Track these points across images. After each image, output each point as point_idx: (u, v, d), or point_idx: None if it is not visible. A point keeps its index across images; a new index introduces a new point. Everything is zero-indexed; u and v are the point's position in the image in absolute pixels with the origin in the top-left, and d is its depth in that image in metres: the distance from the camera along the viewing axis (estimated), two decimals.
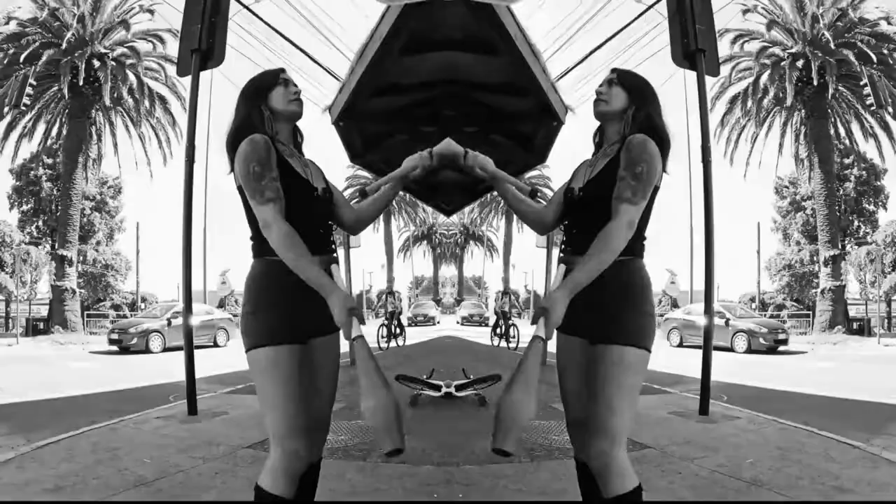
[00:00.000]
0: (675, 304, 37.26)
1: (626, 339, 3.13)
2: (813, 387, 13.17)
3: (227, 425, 8.05)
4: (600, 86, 3.47)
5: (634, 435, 7.23)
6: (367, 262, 70.18)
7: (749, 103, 34.52)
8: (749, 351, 23.28)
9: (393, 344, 24.25)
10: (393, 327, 24.71)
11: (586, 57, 11.07)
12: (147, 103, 34.29)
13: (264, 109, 3.33)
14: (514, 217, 68.27)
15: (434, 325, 46.01)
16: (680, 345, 25.71)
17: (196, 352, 9.01)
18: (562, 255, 3.46)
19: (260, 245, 3.20)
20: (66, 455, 6.24)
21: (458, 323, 47.80)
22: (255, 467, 5.90)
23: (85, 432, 7.33)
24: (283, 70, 3.50)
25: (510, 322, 24.71)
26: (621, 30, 11.12)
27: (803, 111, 34.09)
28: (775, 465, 5.94)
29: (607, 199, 3.12)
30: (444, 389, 9.73)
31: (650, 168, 3.10)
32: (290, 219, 3.06)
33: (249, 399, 10.01)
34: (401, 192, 4.61)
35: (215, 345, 26.12)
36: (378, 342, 23.43)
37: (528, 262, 74.83)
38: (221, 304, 36.33)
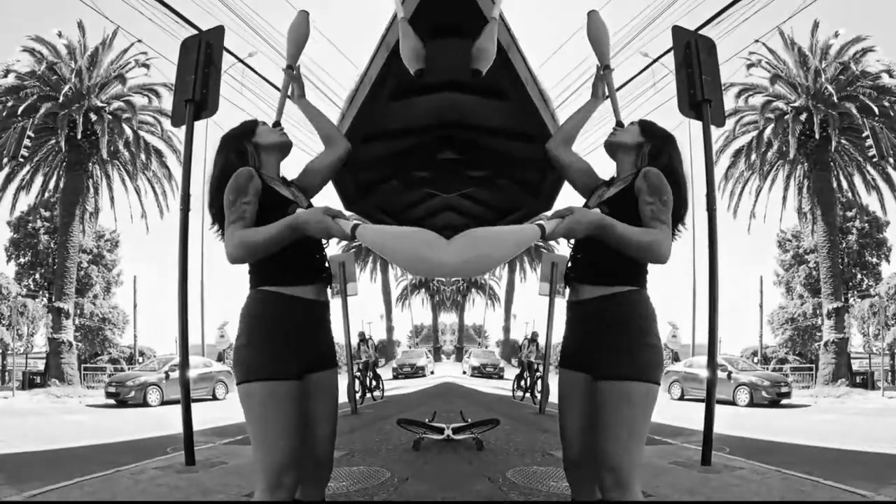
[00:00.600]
0: (676, 358, 37.14)
1: (632, 374, 3.07)
2: (816, 439, 13.07)
3: (225, 475, 7.95)
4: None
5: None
6: (366, 311, 70.00)
7: (753, 156, 34.72)
8: (751, 404, 23.13)
9: (368, 396, 21.66)
10: (368, 380, 21.95)
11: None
12: (143, 156, 34.59)
13: (248, 145, 3.37)
14: (517, 266, 68.47)
15: (423, 376, 42.30)
16: (681, 398, 25.60)
17: (194, 404, 8.96)
18: (566, 284, 3.45)
19: (255, 275, 3.20)
20: None
21: (464, 373, 44.99)
22: None
23: (79, 482, 7.23)
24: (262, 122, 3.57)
25: (537, 373, 20.23)
26: (628, 81, 11.23)
27: (806, 164, 34.19)
28: None
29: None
30: (445, 432, 9.72)
31: (670, 198, 3.10)
32: (289, 246, 3.05)
33: (248, 450, 9.89)
34: None
35: (214, 398, 26.08)
36: (349, 398, 17.51)
37: (529, 311, 74.73)
38: (220, 358, 36.19)
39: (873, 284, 38.13)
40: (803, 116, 32.00)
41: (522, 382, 22.38)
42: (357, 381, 19.48)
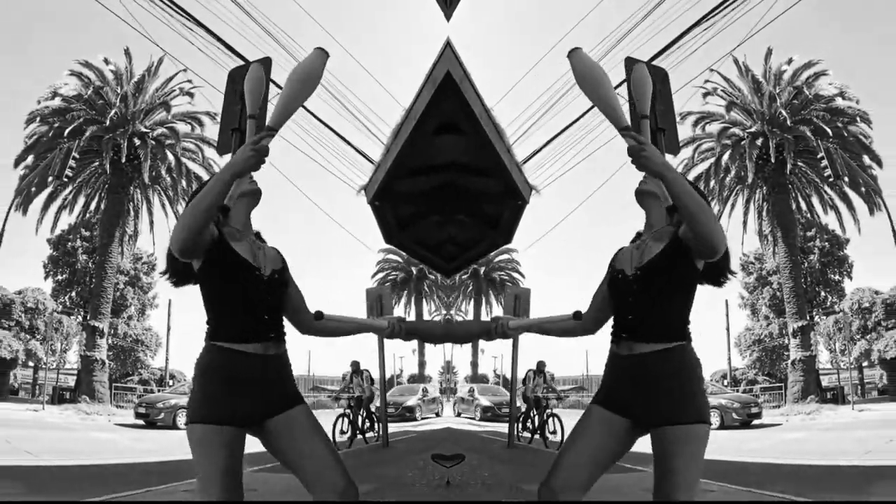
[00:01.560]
0: None
1: (695, 417, 3.10)
2: (789, 457, 13.15)
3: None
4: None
5: None
6: (398, 346, 69.55)
7: (712, 183, 35.05)
8: (722, 427, 23.18)
9: (359, 437, 17.67)
10: (360, 419, 17.87)
11: (551, 140, 11.26)
12: (184, 182, 34.88)
13: None
14: (483, 300, 68.41)
15: (413, 420, 31.45)
16: None
17: None
18: (615, 340, 3.38)
19: (209, 332, 3.22)
20: None
21: (458, 415, 35.12)
22: None
23: (107, 500, 7.23)
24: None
25: (547, 410, 17.75)
26: (584, 113, 11.32)
27: (764, 188, 34.57)
28: None
29: (663, 286, 3.16)
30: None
31: None
32: (233, 302, 3.14)
33: (277, 478, 9.80)
34: (429, 274, 4.64)
35: None
36: (333, 436, 15.56)
37: (497, 346, 74.56)
38: None
39: (837, 301, 38.55)
40: (759, 141, 32.52)
41: (529, 423, 18.45)
42: (346, 420, 17.37)
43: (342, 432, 16.86)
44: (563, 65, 3.80)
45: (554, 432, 16.71)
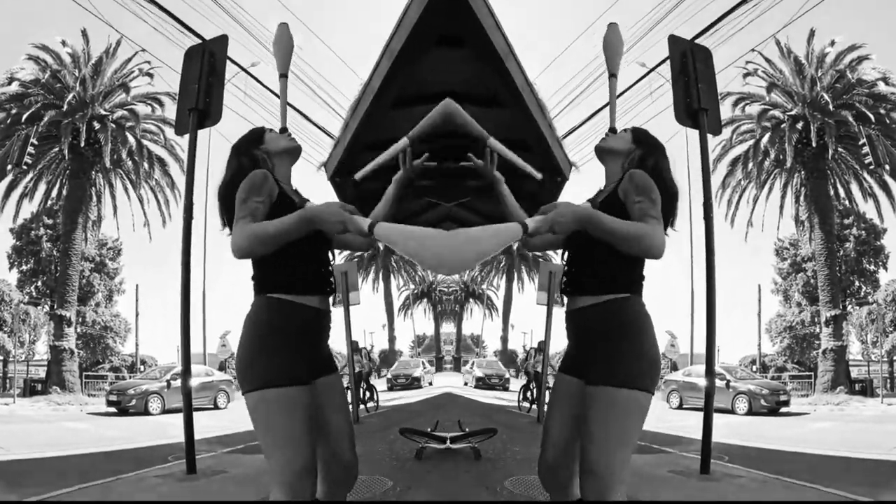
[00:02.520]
0: (674, 367, 37.13)
1: (625, 381, 3.05)
2: (816, 446, 13.08)
3: (226, 484, 7.94)
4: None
5: (634, 494, 7.19)
6: (368, 322, 69.70)
7: (750, 165, 34.78)
8: (750, 413, 23.09)
9: (361, 408, 20.47)
10: (361, 391, 20.89)
11: (591, 116, 11.17)
12: (146, 165, 34.60)
13: (258, 153, 3.36)
14: (515, 276, 68.34)
15: (420, 387, 39.88)
16: (680, 406, 25.57)
17: (196, 413, 8.96)
18: (562, 295, 3.45)
19: (262, 281, 3.19)
20: None
21: (465, 384, 43.14)
22: None
23: (80, 489, 7.25)
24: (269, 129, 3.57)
25: (546, 385, 18.59)
26: (625, 90, 11.23)
27: (803, 172, 34.24)
28: None
29: None
30: (447, 443, 9.75)
31: (658, 198, 3.09)
32: (291, 254, 3.07)
33: (249, 458, 9.94)
34: (397, 255, 4.63)
35: (215, 406, 25.97)
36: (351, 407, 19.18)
37: (527, 321, 74.61)
38: (222, 367, 36.11)
39: (871, 292, 38.08)
40: (800, 125, 32.05)
41: (529, 393, 21.46)
42: (349, 392, 17.75)
43: (359, 400, 19.68)
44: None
45: (537, 401, 18.74)
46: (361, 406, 20.20)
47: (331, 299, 3.44)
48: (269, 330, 3.12)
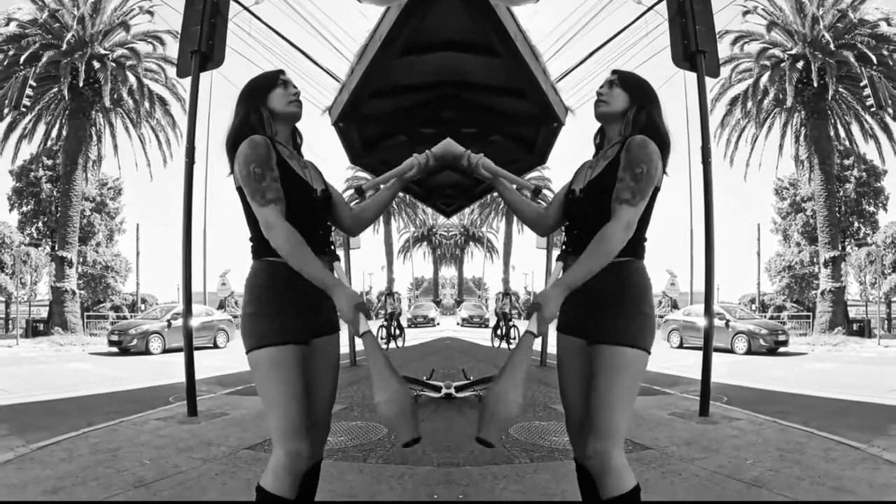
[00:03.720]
0: (674, 306, 37.29)
1: (624, 340, 3.10)
2: (813, 388, 13.18)
3: (226, 426, 8.07)
4: (601, 87, 3.43)
5: (635, 436, 7.34)
6: (367, 263, 69.87)
7: (749, 105, 34.54)
8: (749, 352, 23.25)
9: (392, 345, 24.11)
10: (392, 328, 24.43)
11: (586, 58, 11.05)
12: (147, 105, 34.26)
13: (263, 111, 3.31)
14: (515, 219, 68.26)
15: (434, 326, 45.46)
16: (680, 346, 25.78)
17: (196, 353, 9.02)
18: (561, 254, 3.44)
19: (259, 246, 3.18)
20: (66, 456, 6.26)
21: (458, 324, 46.87)
22: (255, 468, 5.94)
23: (84, 433, 7.35)
24: (282, 72, 3.46)
25: (510, 323, 24.79)
26: (621, 31, 11.10)
27: (803, 112, 34.07)
28: (776, 465, 5.95)
29: (608, 200, 3.10)
30: (444, 390, 9.78)
31: (650, 168, 3.06)
32: (290, 220, 3.03)
33: (249, 400, 10.08)
34: (400, 194, 4.62)
35: (215, 346, 26.11)
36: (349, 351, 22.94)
37: (528, 263, 74.89)
38: (221, 306, 36.25)
39: (870, 233, 38.14)
40: (800, 64, 31.83)
41: (499, 331, 25.07)
42: (384, 329, 24.05)
43: (382, 338, 23.28)
44: None
45: (514, 338, 23.63)
46: (392, 343, 24.09)
47: (336, 265, 3.44)
48: (263, 293, 3.17)
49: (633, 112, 3.32)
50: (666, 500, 5.10)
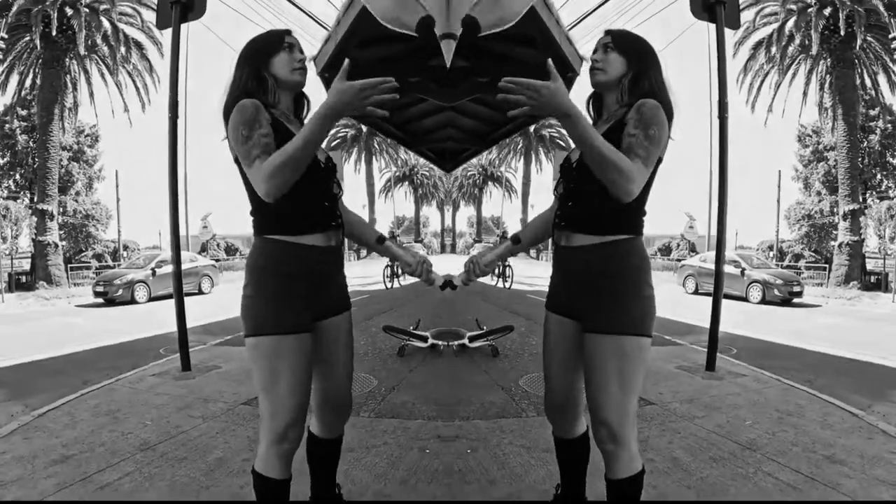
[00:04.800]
0: (692, 249, 37.31)
1: (626, 328, 3.03)
2: (823, 344, 13.19)
3: (221, 381, 8.24)
4: (594, 52, 3.29)
5: (641, 390, 7.43)
6: (348, 202, 70.35)
7: (773, 50, 34.03)
8: (763, 301, 23.39)
9: (396, 284, 26.59)
10: (395, 267, 25.56)
11: (601, 4, 10.93)
12: (123, 50, 33.73)
13: (267, 76, 3.17)
14: (533, 158, 68.33)
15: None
16: (695, 291, 26.17)
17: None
18: (554, 229, 3.35)
19: (260, 221, 3.12)
20: (69, 421, 6.35)
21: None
22: (254, 424, 6.09)
23: (83, 395, 7.45)
24: (288, 32, 3.30)
25: (506, 263, 26.35)
26: None
27: (829, 60, 33.42)
28: (773, 428, 6.05)
29: None
30: (430, 340, 9.88)
31: (661, 134, 2.95)
32: (295, 192, 2.92)
33: (238, 352, 10.29)
34: (380, 136, 4.59)
35: (200, 292, 26.68)
36: (384, 282, 26.43)
37: (547, 202, 75.07)
38: (203, 249, 36.41)
39: (893, 186, 37.78)
40: (827, 11, 31.19)
41: (496, 270, 25.50)
42: (389, 269, 26.64)
43: (387, 277, 26.46)
44: None
45: (509, 277, 26.84)
46: (395, 282, 26.89)
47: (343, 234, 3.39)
48: (264, 275, 3.11)
49: (629, 78, 3.19)
50: (661, 458, 5.19)
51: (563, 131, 3.37)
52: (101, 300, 23.75)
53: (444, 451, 5.43)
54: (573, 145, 2.97)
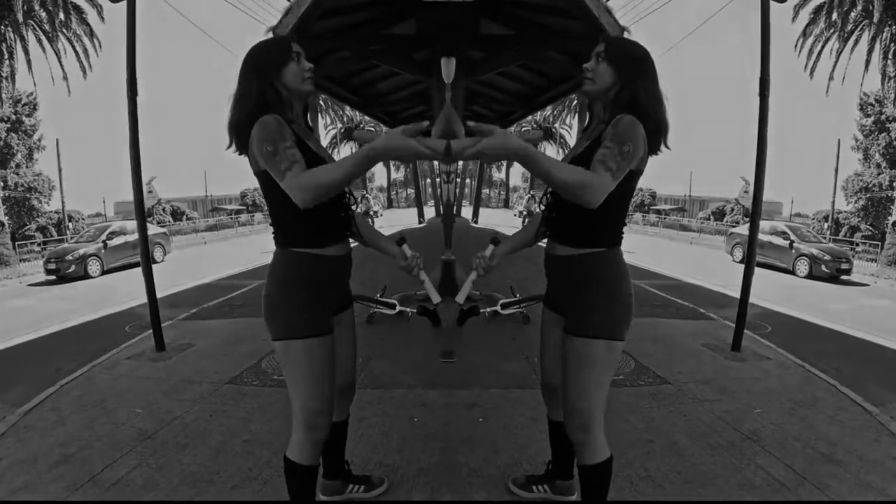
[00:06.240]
0: (746, 214, 37.01)
1: (599, 333, 3.25)
2: (861, 328, 13.06)
3: (198, 360, 8.31)
4: (588, 62, 3.37)
5: (658, 367, 7.69)
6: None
7: (834, 15, 33.29)
8: (810, 276, 23.22)
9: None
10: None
11: None
12: (62, 15, 32.61)
13: (280, 88, 3.24)
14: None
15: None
16: (743, 260, 25.51)
17: (131, 270, 9.06)
18: (543, 233, 3.60)
19: (284, 236, 3.31)
20: (57, 418, 6.25)
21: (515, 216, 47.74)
22: (244, 403, 6.30)
23: (62, 387, 7.33)
24: (293, 39, 3.39)
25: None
26: None
27: (894, 27, 32.77)
28: (780, 419, 6.04)
29: None
30: (398, 307, 9.92)
31: (635, 150, 3.00)
32: (319, 208, 3.01)
33: (207, 326, 10.54)
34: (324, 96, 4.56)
35: (153, 261, 26.15)
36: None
37: None
38: (149, 214, 36.22)
39: None
40: None
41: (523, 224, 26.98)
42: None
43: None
44: None
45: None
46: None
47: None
48: (291, 283, 3.30)
49: (615, 90, 3.26)
50: (661, 440, 5.38)
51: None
52: (53, 277, 23.58)
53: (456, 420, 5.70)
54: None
